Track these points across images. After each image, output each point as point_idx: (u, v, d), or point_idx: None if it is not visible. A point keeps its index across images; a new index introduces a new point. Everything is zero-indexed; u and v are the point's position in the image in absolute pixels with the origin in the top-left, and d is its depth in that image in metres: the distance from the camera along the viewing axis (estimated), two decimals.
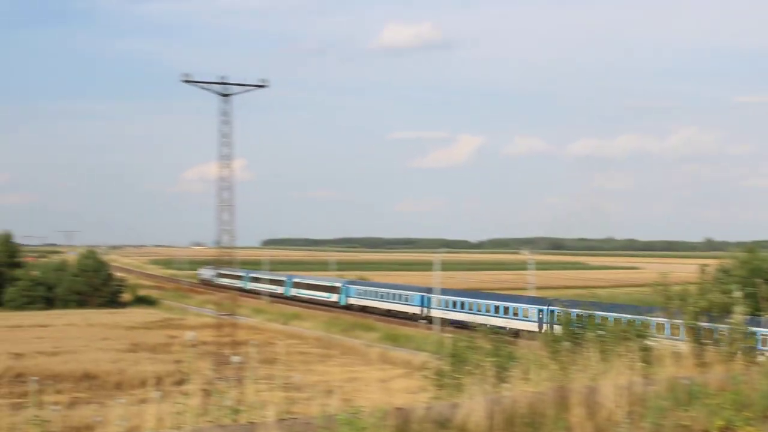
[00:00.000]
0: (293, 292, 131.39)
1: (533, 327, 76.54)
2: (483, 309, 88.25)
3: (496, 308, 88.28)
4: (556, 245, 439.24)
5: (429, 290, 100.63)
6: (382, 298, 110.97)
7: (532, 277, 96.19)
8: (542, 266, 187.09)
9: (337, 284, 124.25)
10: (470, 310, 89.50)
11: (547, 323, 72.61)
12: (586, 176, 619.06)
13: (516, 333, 66.06)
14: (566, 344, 15.11)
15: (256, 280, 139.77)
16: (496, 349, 20.03)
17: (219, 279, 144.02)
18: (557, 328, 20.02)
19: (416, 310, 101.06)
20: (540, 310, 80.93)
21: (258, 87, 61.87)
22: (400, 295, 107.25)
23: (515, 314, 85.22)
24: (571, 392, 9.91)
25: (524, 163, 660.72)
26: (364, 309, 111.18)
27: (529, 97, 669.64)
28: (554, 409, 9.64)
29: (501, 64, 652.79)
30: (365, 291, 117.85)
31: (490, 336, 22.04)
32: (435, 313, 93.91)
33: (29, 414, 9.01)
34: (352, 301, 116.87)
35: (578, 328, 20.43)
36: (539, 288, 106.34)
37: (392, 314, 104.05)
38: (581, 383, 10.30)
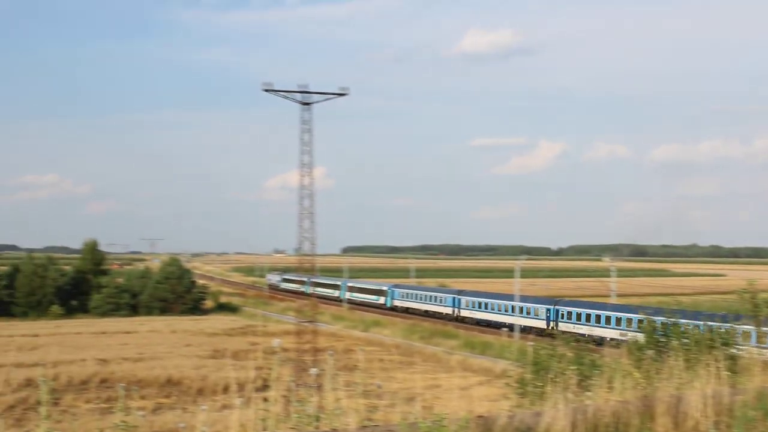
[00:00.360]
0: (347, 295, 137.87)
1: (542, 324, 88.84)
2: (502, 309, 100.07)
3: (513, 308, 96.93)
4: (639, 252, 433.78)
5: (460, 293, 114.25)
6: (420, 299, 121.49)
7: (614, 284, 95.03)
8: (625, 273, 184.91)
9: (384, 288, 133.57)
10: (492, 310, 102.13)
11: (553, 320, 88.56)
12: (669, 182, 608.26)
13: (529, 329, 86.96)
14: (650, 353, 14.86)
15: (317, 284, 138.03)
16: (578, 357, 19.81)
17: (283, 284, 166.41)
18: (640, 336, 19.73)
19: (449, 310, 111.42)
20: (548, 309, 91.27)
21: (338, 95, 62.15)
22: (435, 297, 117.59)
23: (528, 313, 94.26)
24: (656, 401, 9.74)
25: (606, 168, 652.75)
26: (406, 310, 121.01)
27: (610, 103, 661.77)
28: (639, 419, 9.47)
29: (582, 70, 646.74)
30: (407, 294, 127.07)
31: (572, 344, 21.83)
32: (464, 312, 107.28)
33: (117, 419, 9.13)
34: (397, 303, 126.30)
35: (662, 336, 20.13)
36: (621, 295, 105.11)
37: (429, 314, 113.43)
38: (666, 392, 10.12)
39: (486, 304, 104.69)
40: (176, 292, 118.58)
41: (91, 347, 77.16)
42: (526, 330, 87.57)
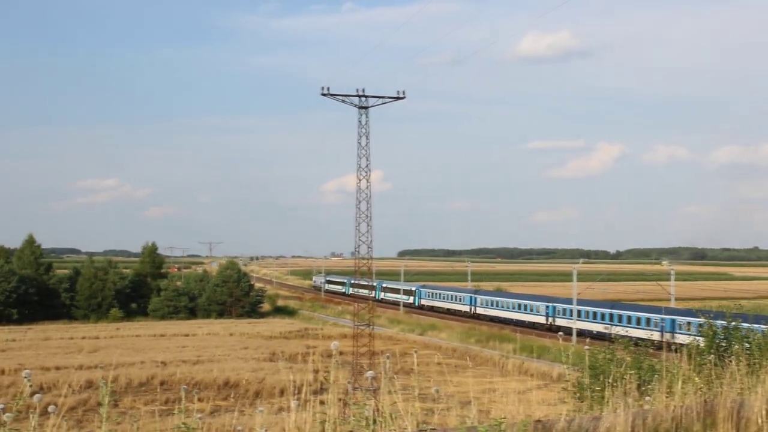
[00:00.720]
0: (382, 295, 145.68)
1: (542, 320, 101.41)
2: (509, 306, 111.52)
3: (518, 305, 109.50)
4: (699, 255, 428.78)
5: (476, 292, 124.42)
6: (442, 299, 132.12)
7: (673, 288, 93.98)
8: (684, 277, 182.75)
9: (413, 288, 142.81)
10: (501, 307, 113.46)
11: (552, 317, 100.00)
12: (730, 184, 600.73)
13: (531, 324, 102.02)
14: (710, 357, 14.67)
15: (355, 285, 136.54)
16: (637, 362, 19.60)
17: (327, 285, 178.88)
18: (701, 340, 19.46)
19: (466, 308, 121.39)
20: (547, 306, 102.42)
21: (395, 99, 62.16)
22: (455, 296, 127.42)
23: (531, 310, 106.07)
24: (717, 407, 9.59)
25: (665, 171, 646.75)
26: (432, 308, 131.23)
27: (669, 105, 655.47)
28: (700, 424, 9.35)
29: (640, 71, 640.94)
30: (431, 293, 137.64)
31: (631, 348, 21.61)
32: (479, 310, 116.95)
33: (177, 421, 9.20)
34: (424, 302, 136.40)
35: (723, 340, 19.83)
36: (680, 299, 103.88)
37: (450, 312, 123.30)
38: (728, 397, 9.96)
39: (497, 303, 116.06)
40: (234, 296, 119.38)
41: (150, 350, 77.98)
42: (528, 325, 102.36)
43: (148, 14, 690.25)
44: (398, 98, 62.12)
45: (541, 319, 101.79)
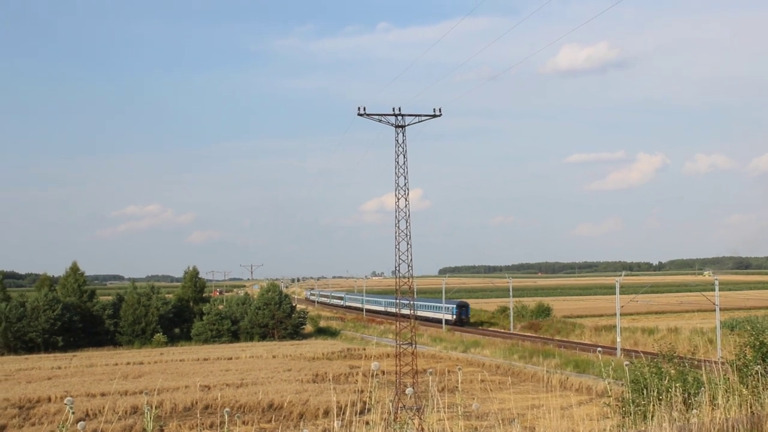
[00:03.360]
0: (348, 303, 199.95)
1: (450, 317, 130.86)
2: (432, 308, 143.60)
3: (435, 307, 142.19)
4: (743, 265, 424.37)
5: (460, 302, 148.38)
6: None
7: (717, 297, 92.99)
8: (728, 287, 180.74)
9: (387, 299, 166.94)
10: (434, 310, 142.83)
11: (455, 315, 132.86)
12: None
13: (442, 321, 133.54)
14: (757, 368, 14.48)
15: (353, 299, 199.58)
16: (681, 375, 19.43)
17: (320, 298, 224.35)
18: (748, 353, 19.23)
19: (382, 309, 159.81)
20: (454, 306, 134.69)
21: (432, 117, 62.12)
22: (433, 306, 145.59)
23: (445, 309, 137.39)
24: (764, 418, 9.50)
25: (706, 180, 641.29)
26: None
27: (710, 113, 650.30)
28: None
29: (680, 81, 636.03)
30: (363, 299, 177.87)
31: (675, 361, 21.43)
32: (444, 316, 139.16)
33: None
34: (349, 304, 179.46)
35: None
36: (725, 309, 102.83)
37: (429, 320, 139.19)
38: None
39: (427, 306, 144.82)
40: (276, 318, 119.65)
41: (193, 374, 78.28)
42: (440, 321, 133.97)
43: (185, 41, 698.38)
44: (434, 116, 62.08)
45: (450, 317, 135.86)
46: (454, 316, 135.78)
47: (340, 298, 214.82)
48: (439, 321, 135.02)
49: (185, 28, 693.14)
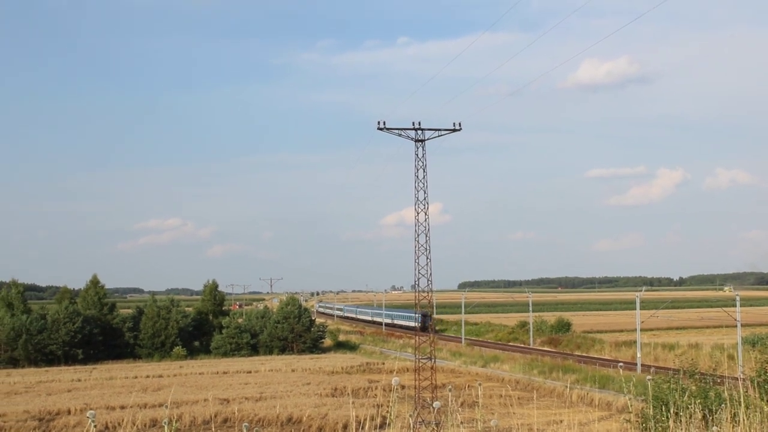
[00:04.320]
0: (348, 314, 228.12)
1: (417, 324, 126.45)
2: (404, 317, 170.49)
3: (407, 316, 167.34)
4: (764, 280, 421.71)
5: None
6: (380, 316, 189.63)
7: (738, 314, 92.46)
8: (749, 302, 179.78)
9: (374, 309, 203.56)
10: (405, 319, 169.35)
11: (420, 322, 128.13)
12: None
13: (407, 327, 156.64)
14: None
15: (349, 310, 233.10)
16: (703, 391, 19.34)
17: (334, 312, 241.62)
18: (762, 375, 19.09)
19: (379, 319, 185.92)
20: (419, 315, 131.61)
21: (451, 131, 62.15)
22: (404, 316, 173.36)
23: (414, 318, 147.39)
24: None
25: (727, 195, 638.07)
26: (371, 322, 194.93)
27: (731, 129, 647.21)
28: None
29: (700, 96, 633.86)
30: (357, 310, 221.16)
31: (696, 377, 21.32)
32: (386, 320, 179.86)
33: None
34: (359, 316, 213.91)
35: None
36: (747, 325, 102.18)
37: (397, 326, 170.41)
38: None
39: (400, 315, 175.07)
40: (295, 331, 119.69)
41: (213, 387, 78.35)
42: (407, 328, 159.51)
43: (206, 56, 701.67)
44: (454, 130, 62.10)
45: (414, 324, 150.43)
46: (420, 324, 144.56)
47: (340, 310, 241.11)
48: (407, 327, 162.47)
49: (207, 43, 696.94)
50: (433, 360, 60.80)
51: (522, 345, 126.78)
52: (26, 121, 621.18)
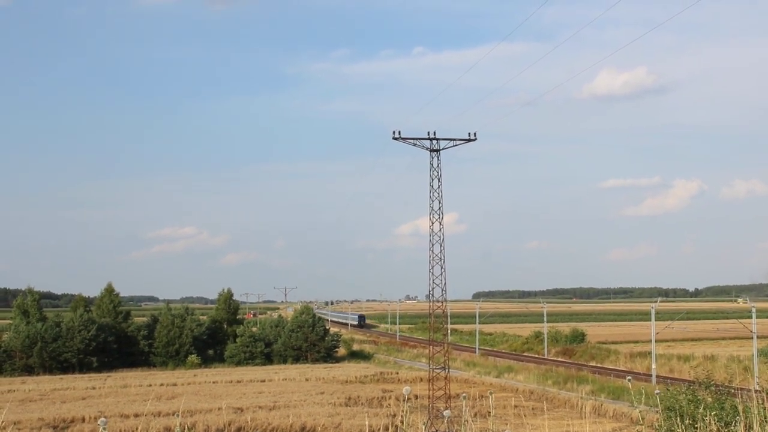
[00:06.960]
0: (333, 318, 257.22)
1: (355, 322, 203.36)
2: (347, 317, 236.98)
3: (349, 316, 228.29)
4: None
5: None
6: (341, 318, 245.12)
7: (755, 325, 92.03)
8: (765, 314, 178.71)
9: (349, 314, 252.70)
10: (347, 318, 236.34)
11: (358, 321, 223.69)
12: None
13: (348, 324, 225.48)
14: None
15: (337, 316, 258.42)
16: (718, 403, 19.25)
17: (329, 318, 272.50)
18: None
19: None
20: (357, 316, 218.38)
21: (466, 141, 62.23)
22: (347, 316, 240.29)
23: (352, 317, 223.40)
24: None
25: (744, 206, 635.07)
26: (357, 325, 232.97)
27: (749, 139, 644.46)
28: None
29: (718, 107, 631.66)
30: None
31: (712, 389, 21.24)
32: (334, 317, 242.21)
33: None
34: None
35: None
36: (762, 337, 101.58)
37: (342, 323, 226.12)
38: None
39: (344, 315, 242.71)
40: (309, 340, 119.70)
41: (227, 396, 78.39)
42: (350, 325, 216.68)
43: (220, 65, 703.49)
44: (469, 140, 62.17)
45: (355, 321, 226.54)
46: (357, 322, 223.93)
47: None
48: (347, 324, 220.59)
49: (221, 52, 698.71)
50: (447, 370, 60.72)
51: (536, 355, 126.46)
52: (41, 129, 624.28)
